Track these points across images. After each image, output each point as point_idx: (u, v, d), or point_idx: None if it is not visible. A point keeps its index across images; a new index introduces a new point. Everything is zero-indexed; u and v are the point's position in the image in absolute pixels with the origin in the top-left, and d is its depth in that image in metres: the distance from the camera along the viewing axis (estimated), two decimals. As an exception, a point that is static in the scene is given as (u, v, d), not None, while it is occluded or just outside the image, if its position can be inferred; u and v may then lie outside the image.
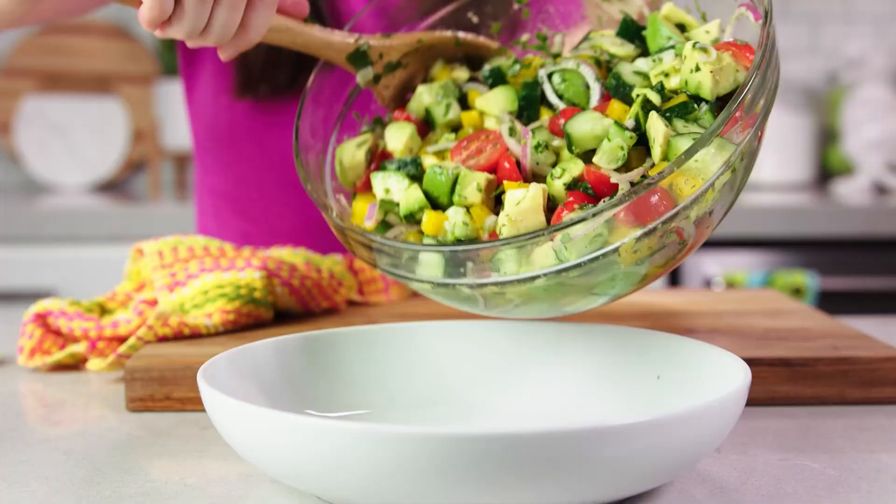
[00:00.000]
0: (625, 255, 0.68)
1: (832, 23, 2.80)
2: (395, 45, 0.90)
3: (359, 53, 0.88)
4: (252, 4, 0.78)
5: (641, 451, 0.56)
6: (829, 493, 0.65)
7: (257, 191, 1.26)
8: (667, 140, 0.72)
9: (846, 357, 0.84)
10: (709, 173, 0.67)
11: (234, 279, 0.96)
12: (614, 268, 0.69)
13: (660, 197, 0.66)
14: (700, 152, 0.66)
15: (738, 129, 0.68)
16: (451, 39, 0.91)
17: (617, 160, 0.73)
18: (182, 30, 0.76)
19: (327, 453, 0.56)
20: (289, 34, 0.85)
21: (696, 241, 0.72)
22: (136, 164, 2.77)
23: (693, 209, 0.68)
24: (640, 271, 0.71)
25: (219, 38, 0.78)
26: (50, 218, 2.23)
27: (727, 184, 0.69)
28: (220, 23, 0.77)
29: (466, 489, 0.55)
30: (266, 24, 0.80)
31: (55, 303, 0.97)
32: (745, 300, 1.10)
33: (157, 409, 0.83)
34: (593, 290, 0.72)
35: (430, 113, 0.88)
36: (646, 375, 0.75)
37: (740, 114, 0.67)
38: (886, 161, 2.51)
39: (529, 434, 0.54)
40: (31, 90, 2.67)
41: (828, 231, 2.18)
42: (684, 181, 0.67)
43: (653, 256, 0.70)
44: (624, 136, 0.74)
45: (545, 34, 0.92)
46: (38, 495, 0.65)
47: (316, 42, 0.86)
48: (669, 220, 0.67)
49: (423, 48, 0.91)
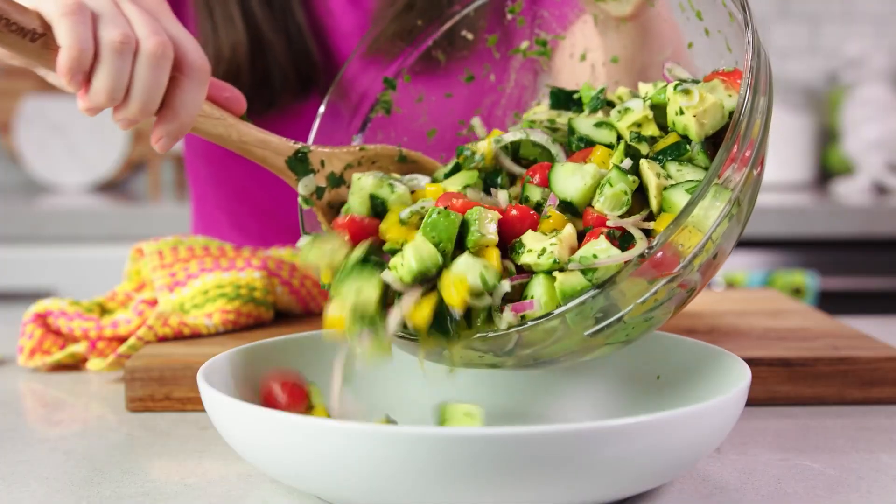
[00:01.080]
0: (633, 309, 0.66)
1: (832, 23, 2.80)
2: (336, 152, 0.83)
3: (298, 157, 0.81)
4: (177, 81, 0.75)
5: (641, 451, 0.56)
6: (829, 493, 0.65)
7: (249, 205, 1.27)
8: (660, 191, 0.70)
9: (846, 357, 0.84)
10: (708, 224, 0.64)
11: (234, 279, 0.96)
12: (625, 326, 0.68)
13: (664, 254, 0.64)
14: (698, 207, 0.63)
15: (734, 169, 0.66)
16: (395, 153, 0.85)
17: (622, 205, 0.70)
18: (103, 86, 0.72)
19: (327, 453, 0.56)
20: (223, 125, 0.79)
21: (703, 283, 0.70)
22: (136, 164, 2.77)
23: (697, 260, 0.66)
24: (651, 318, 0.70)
25: (143, 104, 0.73)
26: (50, 218, 2.23)
27: (732, 220, 0.67)
28: (142, 84, 0.72)
29: (466, 489, 0.55)
30: (195, 105, 0.75)
31: (55, 303, 0.97)
32: (745, 300, 1.10)
33: (157, 409, 0.83)
34: (609, 341, 0.70)
35: (375, 198, 0.77)
36: (646, 375, 0.75)
37: (734, 153, 0.64)
38: (886, 161, 2.51)
39: (529, 434, 0.54)
40: (31, 90, 2.67)
41: (828, 231, 2.18)
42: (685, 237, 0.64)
43: (661, 306, 0.69)
44: (627, 180, 0.70)
45: (545, 39, 0.92)
46: (38, 495, 0.65)
47: (252, 140, 0.80)
48: (672, 280, 0.65)
49: (366, 160, 0.84)
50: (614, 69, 0.88)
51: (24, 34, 0.70)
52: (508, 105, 0.94)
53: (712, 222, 0.64)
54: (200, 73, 0.75)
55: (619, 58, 0.88)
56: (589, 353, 0.70)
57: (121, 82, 0.72)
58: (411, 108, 0.92)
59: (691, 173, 0.71)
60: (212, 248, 1.02)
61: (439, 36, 0.91)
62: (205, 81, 0.75)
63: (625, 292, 0.64)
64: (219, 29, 1.12)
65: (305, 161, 0.81)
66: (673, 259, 0.64)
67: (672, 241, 0.63)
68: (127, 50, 0.71)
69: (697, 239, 0.64)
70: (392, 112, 0.90)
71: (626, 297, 0.64)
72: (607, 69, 0.89)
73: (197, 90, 0.75)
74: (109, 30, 0.71)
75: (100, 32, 0.71)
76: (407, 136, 0.91)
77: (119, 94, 0.72)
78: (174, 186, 2.74)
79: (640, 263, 0.63)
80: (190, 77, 0.74)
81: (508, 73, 0.94)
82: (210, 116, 0.78)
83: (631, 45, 0.87)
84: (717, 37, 0.78)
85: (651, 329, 0.70)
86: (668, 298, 0.67)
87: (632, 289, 0.64)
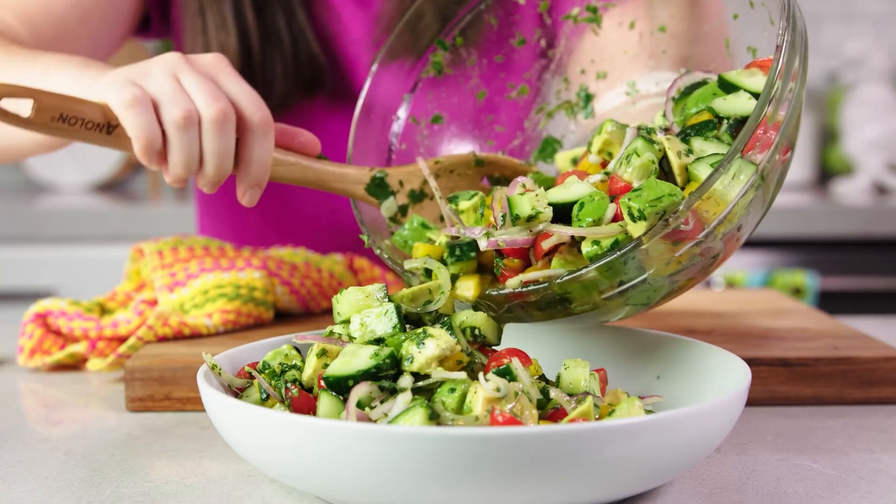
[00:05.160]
0: (658, 268, 0.68)
1: (832, 23, 2.80)
2: (412, 170, 0.87)
3: (377, 183, 0.85)
4: (244, 138, 0.79)
5: (641, 451, 0.56)
6: (828, 493, 0.65)
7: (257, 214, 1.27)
8: (682, 170, 0.72)
9: (846, 357, 0.84)
10: (732, 194, 0.66)
11: (234, 279, 0.96)
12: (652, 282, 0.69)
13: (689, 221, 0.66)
14: (722, 176, 0.65)
15: (758, 148, 0.67)
16: (470, 159, 0.89)
17: (650, 173, 0.72)
18: (178, 160, 0.78)
19: (327, 453, 0.56)
20: (299, 168, 0.83)
21: (726, 254, 0.72)
22: (135, 164, 2.77)
23: (720, 229, 0.68)
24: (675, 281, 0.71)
25: (217, 167, 0.79)
26: (50, 218, 2.23)
27: (755, 199, 0.69)
28: (212, 149, 0.78)
29: (466, 489, 0.55)
30: (265, 156, 0.80)
31: (55, 303, 0.97)
32: (744, 300, 1.10)
33: (157, 409, 0.83)
34: (628, 302, 0.72)
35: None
36: (646, 375, 0.75)
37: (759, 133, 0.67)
38: (886, 161, 2.51)
39: (529, 433, 0.54)
40: (31, 90, 2.67)
41: (828, 231, 2.18)
42: (710, 205, 0.66)
43: (684, 270, 0.70)
44: (653, 149, 0.73)
45: (595, 6, 0.92)
46: (38, 495, 0.65)
47: (330, 176, 0.84)
48: (696, 245, 0.68)
49: (443, 171, 0.88)
50: (662, 38, 0.90)
51: (101, 129, 0.77)
52: (557, 70, 0.96)
53: (736, 193, 0.66)
54: (262, 125, 0.80)
55: (666, 27, 0.89)
56: (611, 314, 0.73)
57: (192, 154, 0.78)
58: (462, 70, 0.94)
59: (715, 148, 0.73)
60: (212, 248, 1.02)
61: (493, 0, 0.93)
62: (268, 133, 0.80)
63: (650, 253, 0.66)
64: (209, 30, 1.12)
65: (384, 185, 0.86)
66: (697, 225, 0.66)
67: (697, 208, 0.65)
68: (190, 125, 0.77)
69: (722, 208, 0.66)
70: (443, 73, 0.93)
71: (651, 258, 0.67)
72: (655, 38, 0.90)
73: (263, 142, 0.80)
74: (170, 110, 0.77)
75: (162, 114, 0.77)
76: (457, 98, 0.94)
77: (193, 164, 0.79)
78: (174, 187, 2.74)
79: (667, 227, 0.65)
80: (254, 132, 0.79)
81: (559, 38, 0.95)
82: (284, 163, 0.83)
83: (678, 14, 0.89)
84: (760, 10, 0.79)
85: (671, 294, 0.73)
86: (691, 264, 0.69)
87: (657, 249, 0.67)
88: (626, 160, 0.73)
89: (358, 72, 1.17)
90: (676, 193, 0.68)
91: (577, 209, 0.71)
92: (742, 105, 0.74)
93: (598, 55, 0.93)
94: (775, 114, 0.66)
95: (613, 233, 0.69)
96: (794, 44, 0.68)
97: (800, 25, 0.70)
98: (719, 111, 0.74)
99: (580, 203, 0.71)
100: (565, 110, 0.95)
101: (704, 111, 0.75)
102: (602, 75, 0.94)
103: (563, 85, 0.95)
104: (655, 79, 0.91)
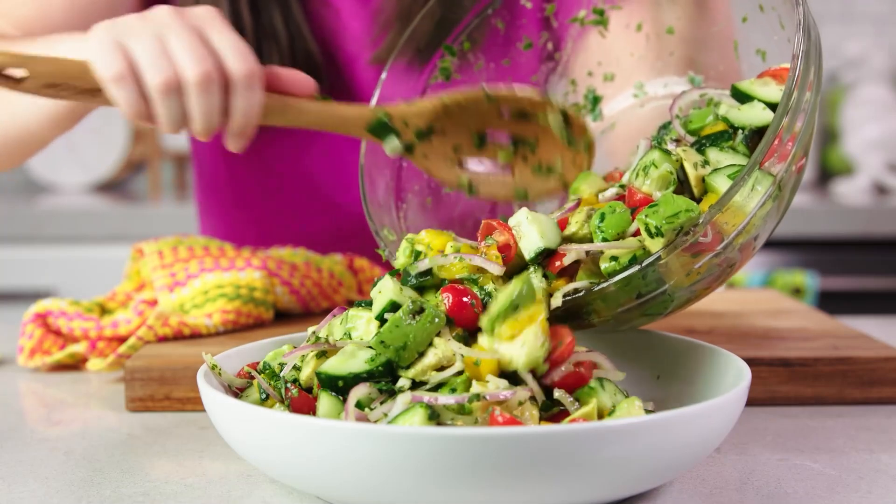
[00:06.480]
0: (678, 280, 0.69)
1: (832, 23, 2.80)
2: (417, 110, 0.85)
3: (379, 124, 0.84)
4: (229, 93, 0.79)
5: (641, 451, 0.56)
6: (828, 492, 0.65)
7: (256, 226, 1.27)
8: (699, 181, 0.72)
9: (846, 357, 0.84)
10: (751, 205, 0.67)
11: (234, 279, 0.96)
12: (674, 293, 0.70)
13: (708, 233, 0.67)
14: (741, 189, 0.65)
15: (776, 159, 0.67)
16: (480, 95, 0.88)
17: (669, 185, 0.72)
18: (164, 121, 0.79)
19: (327, 453, 0.56)
20: (294, 113, 0.81)
21: (742, 261, 0.73)
22: (136, 164, 2.77)
23: (738, 240, 0.68)
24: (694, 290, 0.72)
25: (203, 125, 0.79)
26: (50, 218, 2.23)
27: (772, 209, 0.69)
28: (196, 110, 0.78)
29: (466, 489, 0.55)
30: (250, 108, 0.79)
31: (55, 303, 0.97)
32: (745, 300, 1.10)
33: (157, 409, 0.83)
34: (646, 312, 0.72)
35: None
36: (646, 375, 0.75)
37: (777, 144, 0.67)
38: (886, 161, 2.51)
39: (529, 433, 0.54)
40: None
41: (828, 231, 2.18)
42: (729, 216, 0.66)
43: (702, 280, 0.70)
44: (671, 160, 0.73)
45: (602, 8, 0.92)
46: (38, 495, 0.65)
47: (329, 118, 0.82)
48: (715, 256, 0.68)
49: (454, 110, 0.87)
50: (669, 40, 0.90)
51: (91, 94, 0.79)
52: (564, 72, 0.96)
53: (754, 204, 0.67)
54: (245, 79, 0.79)
55: (674, 28, 0.89)
56: (626, 324, 0.73)
57: (176, 115, 0.79)
58: (470, 75, 0.94)
59: (730, 159, 0.73)
60: (212, 248, 1.02)
61: (500, 4, 0.93)
62: (253, 86, 0.79)
63: (670, 266, 0.67)
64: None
65: (386, 126, 0.84)
66: (716, 237, 0.67)
67: (716, 221, 0.66)
68: (170, 90, 0.77)
69: (740, 219, 0.67)
70: (451, 78, 0.93)
71: (671, 270, 0.67)
72: (662, 40, 0.90)
73: (247, 96, 0.79)
74: (152, 76, 0.77)
75: (144, 80, 0.77)
76: None
77: (178, 123, 0.79)
78: (174, 186, 2.74)
79: (687, 241, 0.65)
80: (237, 86, 0.79)
81: (565, 41, 0.95)
82: (276, 110, 0.81)
83: (685, 16, 0.89)
84: (770, 13, 0.79)
85: (688, 302, 0.73)
86: (710, 274, 0.70)
87: (676, 262, 0.67)
88: (644, 172, 0.73)
89: (356, 69, 1.17)
90: (693, 209, 0.67)
91: (598, 220, 0.71)
92: (757, 115, 0.74)
93: (605, 57, 0.94)
94: (792, 125, 0.66)
95: (632, 247, 0.69)
96: (809, 54, 0.68)
97: (814, 35, 0.70)
98: (734, 121, 0.75)
99: (600, 214, 0.71)
100: None
101: (719, 121, 0.75)
102: (609, 77, 0.94)
103: (571, 87, 0.95)
104: (663, 81, 0.91)
